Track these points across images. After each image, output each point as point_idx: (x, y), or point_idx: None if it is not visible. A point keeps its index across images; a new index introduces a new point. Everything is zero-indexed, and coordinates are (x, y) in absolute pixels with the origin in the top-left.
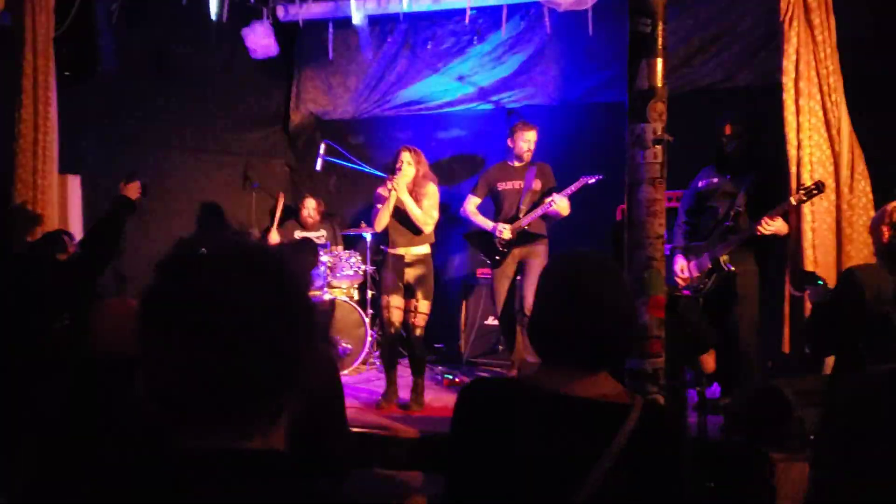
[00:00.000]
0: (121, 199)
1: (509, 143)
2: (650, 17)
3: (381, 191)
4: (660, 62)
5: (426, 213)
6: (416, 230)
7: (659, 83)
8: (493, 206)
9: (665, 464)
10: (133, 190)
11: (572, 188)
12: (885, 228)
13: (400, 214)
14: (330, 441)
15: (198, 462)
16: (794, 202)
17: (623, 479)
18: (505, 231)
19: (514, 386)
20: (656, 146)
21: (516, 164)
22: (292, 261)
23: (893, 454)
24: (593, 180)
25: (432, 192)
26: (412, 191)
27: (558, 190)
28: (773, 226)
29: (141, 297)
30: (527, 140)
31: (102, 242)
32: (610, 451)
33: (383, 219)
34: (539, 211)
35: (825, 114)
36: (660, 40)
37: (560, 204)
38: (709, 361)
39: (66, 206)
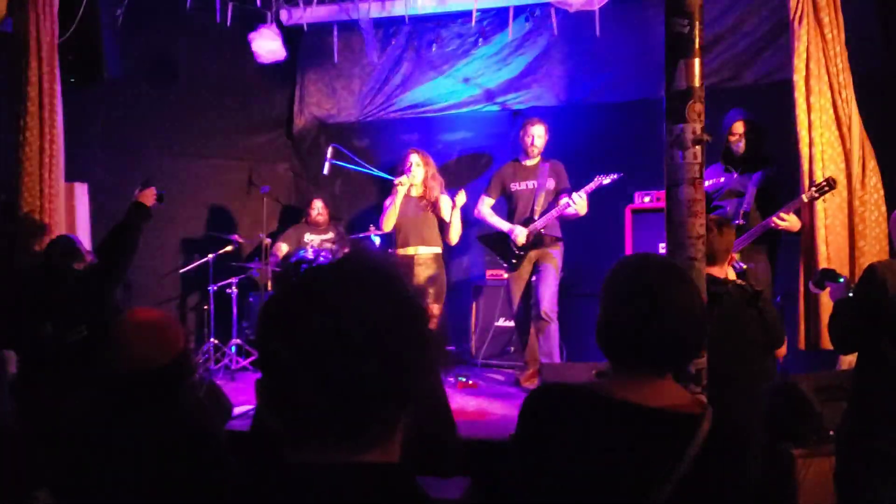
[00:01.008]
0: (137, 206)
1: (519, 141)
2: (687, 17)
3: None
4: (697, 62)
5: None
6: (428, 231)
7: (697, 83)
8: (507, 207)
9: (734, 474)
10: (149, 197)
11: (589, 188)
12: None
13: (409, 212)
14: (439, 446)
15: (315, 477)
16: (805, 199)
17: (695, 490)
18: (521, 236)
19: (584, 393)
20: (696, 146)
21: (527, 162)
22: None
23: None
24: (609, 180)
25: (448, 202)
26: (424, 194)
27: (571, 190)
28: (788, 220)
29: (265, 305)
30: (531, 134)
31: (119, 251)
32: (682, 464)
33: (391, 218)
34: (555, 213)
35: (836, 111)
36: (697, 40)
37: (579, 204)
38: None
39: (73, 214)
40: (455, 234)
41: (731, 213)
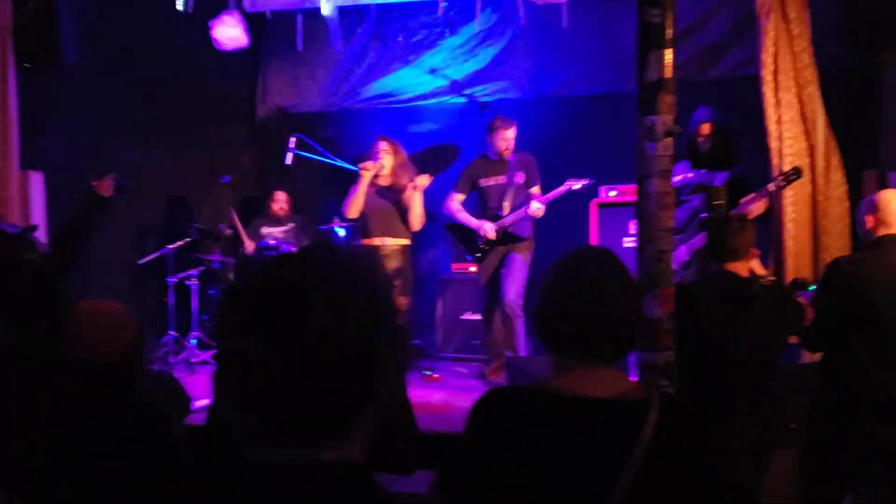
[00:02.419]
0: (93, 196)
1: (488, 139)
2: (660, 6)
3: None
4: (669, 53)
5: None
6: (395, 221)
7: (668, 74)
8: (478, 202)
9: (690, 455)
10: (107, 187)
11: (556, 193)
12: (870, 217)
13: (378, 204)
14: (400, 442)
15: (273, 475)
16: (773, 188)
17: (652, 476)
18: (490, 231)
19: (529, 393)
20: (667, 138)
21: (497, 158)
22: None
23: None
24: (579, 185)
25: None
26: (392, 182)
27: (542, 186)
28: (760, 209)
29: (225, 295)
30: (506, 139)
31: (73, 243)
32: (637, 451)
33: (355, 205)
34: (521, 212)
35: (801, 106)
36: (669, 31)
37: (536, 211)
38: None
39: (27, 204)
40: (416, 219)
41: (699, 207)
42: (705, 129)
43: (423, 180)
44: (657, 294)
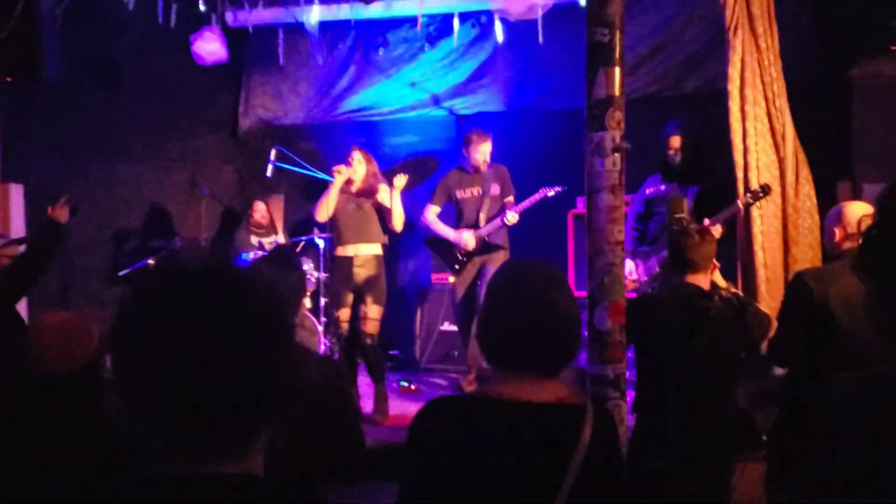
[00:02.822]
0: (50, 224)
1: (464, 152)
2: (607, 27)
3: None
4: (617, 71)
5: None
6: (368, 230)
7: (617, 92)
8: (454, 214)
9: (617, 459)
10: (62, 213)
11: (532, 200)
12: (838, 230)
13: (351, 213)
14: (338, 448)
15: (169, 487)
16: (741, 205)
17: (590, 480)
18: (469, 241)
19: (473, 400)
20: (615, 154)
21: (472, 170)
22: (278, 278)
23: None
24: (553, 192)
25: (387, 190)
26: (363, 190)
27: (517, 196)
28: (716, 232)
29: (116, 315)
30: (482, 152)
31: (31, 269)
32: (576, 453)
33: (327, 206)
34: (497, 222)
35: (770, 119)
36: (617, 49)
37: (512, 220)
38: None
39: (7, 215)
40: (398, 219)
41: (669, 219)
42: (675, 141)
43: (401, 180)
44: (607, 306)
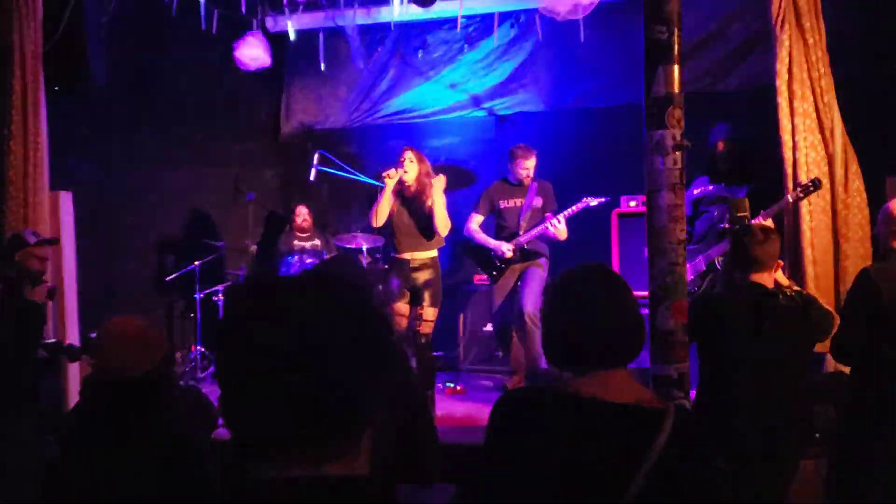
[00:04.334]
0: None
1: (509, 166)
2: (666, 24)
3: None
4: (676, 69)
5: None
6: (424, 233)
7: (676, 89)
8: (495, 222)
9: (699, 467)
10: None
11: (573, 210)
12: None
13: (406, 215)
14: (419, 453)
15: (279, 491)
16: (791, 200)
17: (662, 483)
18: (508, 251)
19: (551, 395)
20: (676, 152)
21: (516, 183)
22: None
23: None
24: (596, 202)
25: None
26: (416, 189)
27: (558, 210)
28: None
29: (222, 321)
30: (526, 168)
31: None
32: (650, 456)
33: (381, 213)
34: (538, 230)
35: (818, 115)
36: (676, 47)
37: (559, 228)
38: None
39: (58, 223)
40: (441, 223)
41: (718, 218)
42: (721, 146)
43: (440, 181)
44: (669, 306)
